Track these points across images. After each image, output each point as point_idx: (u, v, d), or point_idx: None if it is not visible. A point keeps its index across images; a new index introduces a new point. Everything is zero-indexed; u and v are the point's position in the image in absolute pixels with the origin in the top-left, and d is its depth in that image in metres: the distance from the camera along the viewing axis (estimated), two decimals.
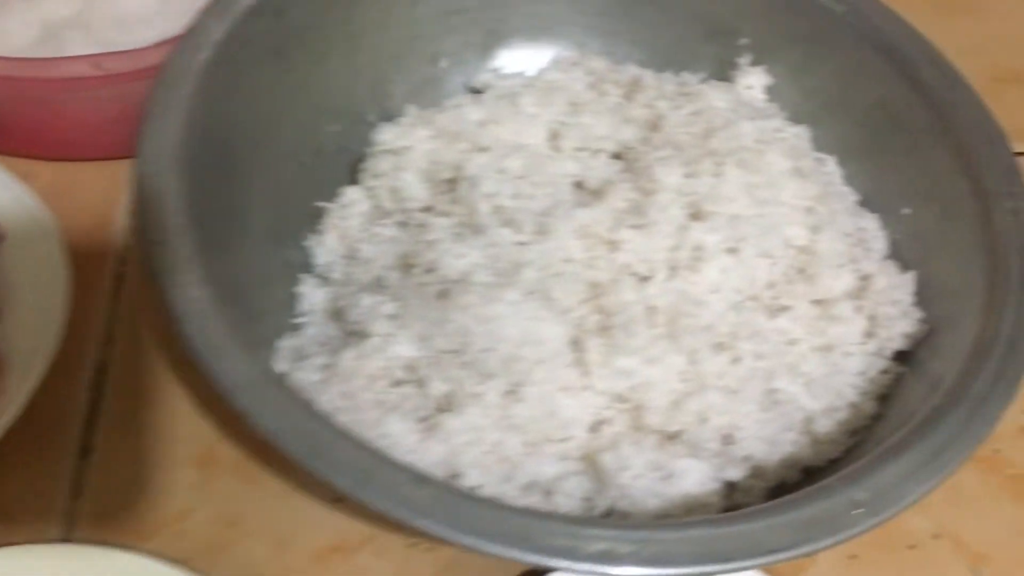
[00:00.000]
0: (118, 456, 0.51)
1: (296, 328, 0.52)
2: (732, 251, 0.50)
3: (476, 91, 0.63)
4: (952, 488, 0.44)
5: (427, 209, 0.55)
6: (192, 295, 0.42)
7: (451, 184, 0.55)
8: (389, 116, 0.59)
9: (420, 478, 0.38)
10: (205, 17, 0.52)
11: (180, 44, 0.50)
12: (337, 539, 0.49)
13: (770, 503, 0.41)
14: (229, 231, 0.49)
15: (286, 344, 0.50)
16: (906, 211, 0.55)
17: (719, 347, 0.48)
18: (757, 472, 0.48)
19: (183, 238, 0.44)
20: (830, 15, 0.58)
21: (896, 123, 0.56)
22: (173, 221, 0.44)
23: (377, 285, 0.51)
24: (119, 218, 0.60)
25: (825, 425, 0.49)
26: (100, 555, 0.45)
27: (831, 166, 0.59)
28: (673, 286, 0.49)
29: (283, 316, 0.52)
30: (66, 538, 0.48)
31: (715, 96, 0.57)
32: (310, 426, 0.39)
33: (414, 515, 0.37)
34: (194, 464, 0.51)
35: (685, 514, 0.45)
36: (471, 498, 0.40)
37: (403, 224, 0.55)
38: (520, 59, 0.65)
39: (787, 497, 0.41)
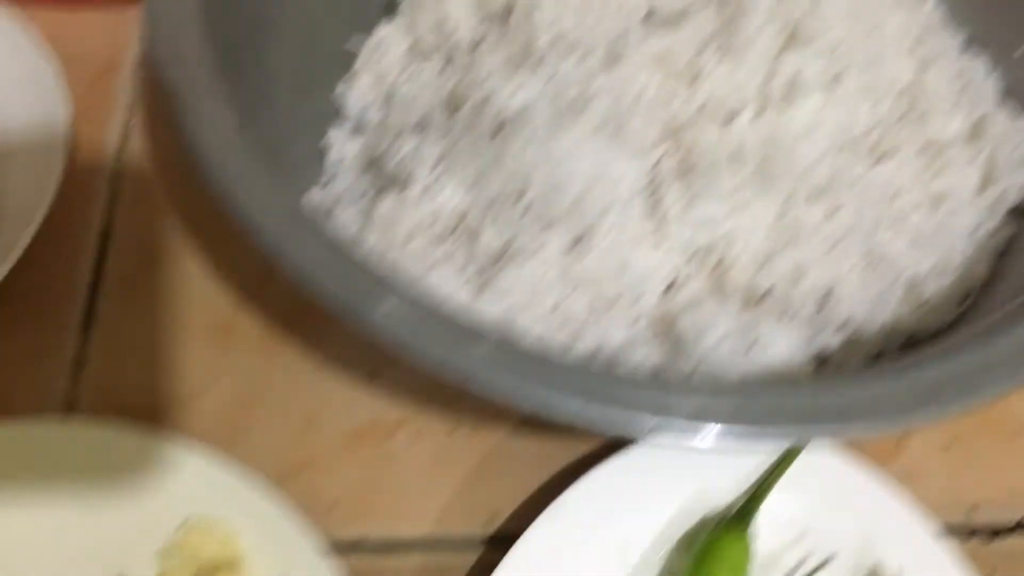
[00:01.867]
0: (123, 327, 0.46)
1: (325, 184, 0.46)
2: (831, 85, 0.43)
3: None
4: None
5: (475, 46, 0.48)
6: (214, 117, 0.35)
7: (503, 16, 0.47)
8: None
9: (481, 330, 0.32)
10: None
11: None
12: (369, 421, 0.44)
13: (893, 363, 0.34)
14: (251, 76, 0.42)
15: (314, 198, 0.43)
16: (1020, 53, 0.48)
17: (816, 194, 0.41)
18: (854, 340, 0.41)
19: (202, 53, 0.37)
20: None
21: None
22: (190, 37, 0.37)
23: (420, 127, 0.45)
24: (126, 68, 0.54)
25: (932, 288, 0.42)
26: (103, 433, 0.40)
27: (929, 4, 0.51)
28: (762, 125, 0.42)
29: (311, 171, 0.46)
30: (67, 415, 0.43)
31: None
32: (351, 268, 0.33)
33: (477, 369, 0.31)
34: (209, 336, 0.45)
35: None
36: (542, 352, 0.33)
37: (447, 63, 0.48)
38: None
39: (911, 354, 0.34)
